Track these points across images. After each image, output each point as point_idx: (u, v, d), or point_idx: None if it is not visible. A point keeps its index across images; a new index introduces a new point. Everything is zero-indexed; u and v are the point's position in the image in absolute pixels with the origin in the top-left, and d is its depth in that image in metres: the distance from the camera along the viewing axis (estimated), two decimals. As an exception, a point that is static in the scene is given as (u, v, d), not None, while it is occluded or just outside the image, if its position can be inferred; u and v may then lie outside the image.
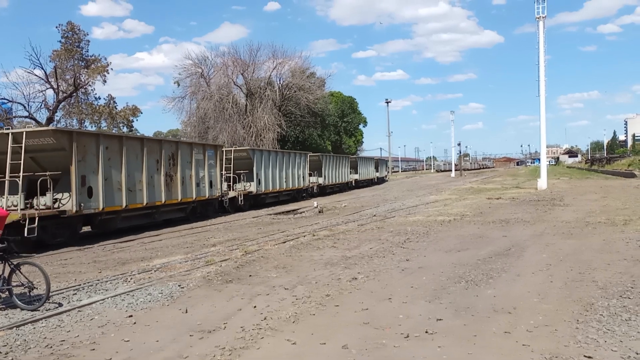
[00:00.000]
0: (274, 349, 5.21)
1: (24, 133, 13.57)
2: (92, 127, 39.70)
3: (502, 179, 50.04)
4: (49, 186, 13.52)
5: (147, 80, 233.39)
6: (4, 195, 13.26)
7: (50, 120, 36.16)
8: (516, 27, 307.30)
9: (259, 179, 26.06)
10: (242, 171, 24.89)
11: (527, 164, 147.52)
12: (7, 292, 6.95)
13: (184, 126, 52.48)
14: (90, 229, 16.11)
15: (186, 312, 6.62)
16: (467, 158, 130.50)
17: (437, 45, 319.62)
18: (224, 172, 23.43)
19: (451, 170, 79.13)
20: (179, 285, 8.08)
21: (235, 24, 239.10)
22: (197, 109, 47.90)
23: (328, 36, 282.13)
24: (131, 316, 6.50)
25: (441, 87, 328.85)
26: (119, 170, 15.70)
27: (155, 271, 9.45)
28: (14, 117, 33.91)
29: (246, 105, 48.34)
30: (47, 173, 13.52)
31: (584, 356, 4.71)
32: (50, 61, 37.50)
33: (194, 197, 19.88)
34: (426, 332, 5.50)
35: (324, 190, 36.41)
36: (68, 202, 13.90)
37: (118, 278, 8.93)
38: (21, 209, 13.20)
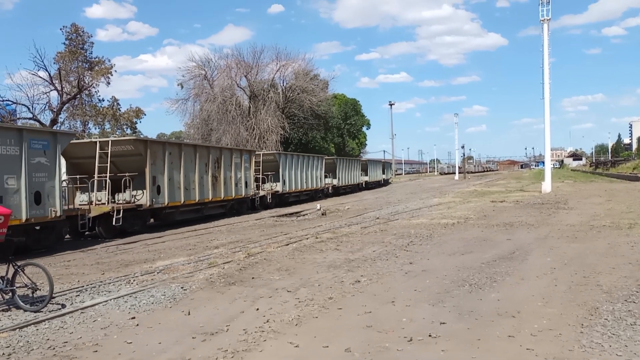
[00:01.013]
0: (277, 351, 5.19)
1: (110, 142, 16.71)
2: (95, 129, 39.78)
3: (506, 182, 49.84)
4: (127, 185, 16.56)
5: (150, 82, 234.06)
6: (93, 191, 16.23)
7: (54, 122, 36.25)
8: (520, 30, 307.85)
9: (284, 180, 28.38)
10: (269, 173, 27.26)
11: (532, 166, 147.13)
12: (10, 293, 6.96)
13: (187, 128, 52.54)
14: (153, 221, 19.03)
15: (189, 314, 6.61)
16: (471, 161, 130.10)
17: (440, 47, 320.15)
18: (253, 173, 25.34)
19: (455, 173, 79.01)
20: (182, 288, 8.08)
21: (239, 26, 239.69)
22: (200, 111, 47.99)
23: (331, 38, 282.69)
24: (134, 318, 6.50)
25: (445, 90, 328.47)
26: (179, 172, 18.75)
27: (158, 273, 9.46)
28: (18, 118, 34.00)
29: (249, 107, 48.38)
30: (126, 174, 16.52)
31: (589, 361, 4.68)
32: (54, 63, 37.66)
33: (233, 195, 22.81)
34: (430, 335, 5.47)
35: (337, 191, 38.35)
36: (142, 198, 16.90)
37: (121, 280, 8.94)
38: (109, 203, 16.10)
